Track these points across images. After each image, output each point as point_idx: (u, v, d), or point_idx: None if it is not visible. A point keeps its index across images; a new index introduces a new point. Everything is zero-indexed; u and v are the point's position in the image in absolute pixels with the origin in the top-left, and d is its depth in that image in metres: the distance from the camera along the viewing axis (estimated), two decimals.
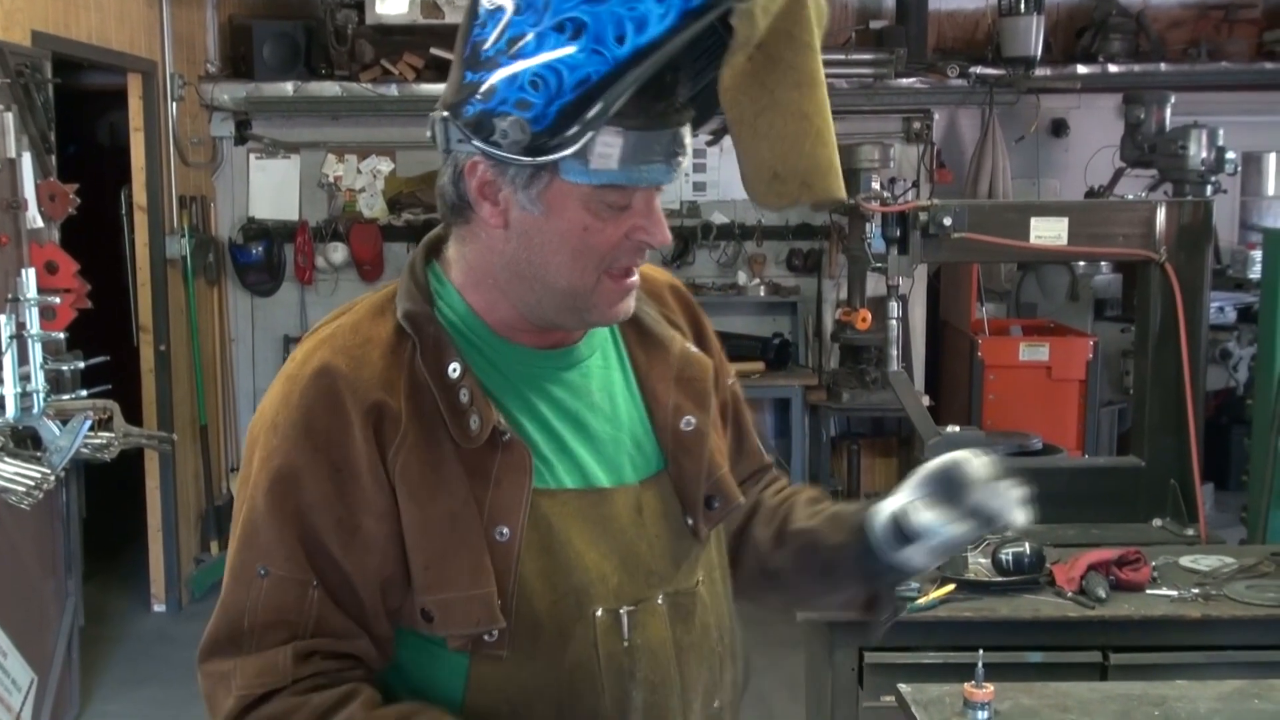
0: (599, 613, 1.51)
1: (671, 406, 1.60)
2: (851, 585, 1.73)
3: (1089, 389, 7.20)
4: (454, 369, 1.48)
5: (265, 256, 7.79)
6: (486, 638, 1.46)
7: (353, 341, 1.50)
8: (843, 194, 1.43)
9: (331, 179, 7.89)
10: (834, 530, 1.71)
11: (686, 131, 1.48)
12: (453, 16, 7.57)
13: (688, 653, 1.59)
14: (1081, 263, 7.49)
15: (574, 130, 1.37)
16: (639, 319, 1.63)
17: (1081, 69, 7.82)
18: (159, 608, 6.80)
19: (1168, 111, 6.30)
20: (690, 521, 1.60)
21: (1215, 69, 8.19)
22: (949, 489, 1.57)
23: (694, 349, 1.67)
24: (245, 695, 1.43)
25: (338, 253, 7.82)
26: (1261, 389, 4.82)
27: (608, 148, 1.40)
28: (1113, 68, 7.88)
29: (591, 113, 1.36)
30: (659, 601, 1.55)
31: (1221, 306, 8.03)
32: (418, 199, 7.85)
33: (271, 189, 7.83)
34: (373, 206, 7.92)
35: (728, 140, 6.35)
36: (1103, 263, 7.64)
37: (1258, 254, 6.96)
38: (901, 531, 1.59)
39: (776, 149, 1.39)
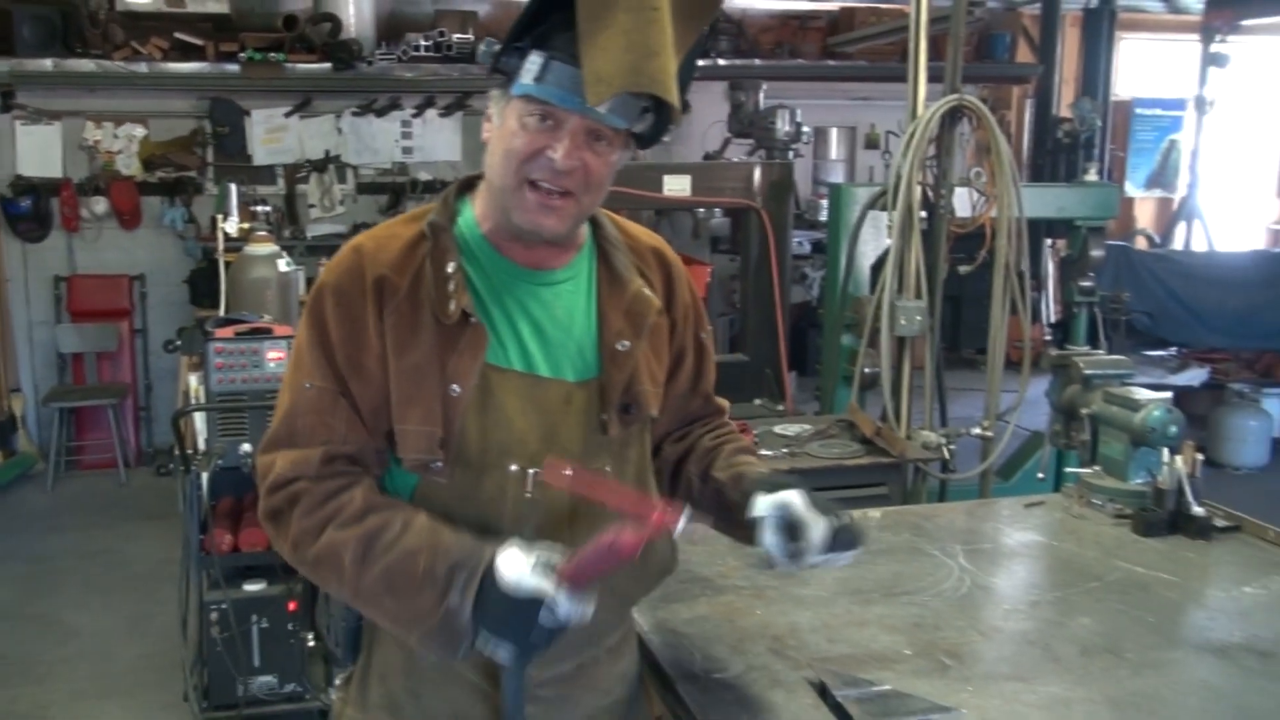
0: (513, 467, 1.55)
1: (615, 330, 1.61)
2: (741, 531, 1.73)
3: (709, 304, 7.42)
4: (451, 266, 1.54)
5: (34, 209, 7.21)
6: (433, 465, 1.54)
7: (384, 234, 1.60)
8: (649, 86, 1.42)
9: (91, 142, 7.36)
10: (734, 489, 1.71)
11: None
12: (194, 5, 7.15)
13: (582, 519, 1.58)
14: (701, 209, 7.71)
15: (512, 49, 1.47)
16: (612, 264, 1.65)
17: (699, 61, 7.93)
18: None
19: (761, 96, 6.53)
20: (604, 419, 1.59)
21: (794, 64, 8.53)
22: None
23: (648, 293, 1.65)
24: (280, 476, 1.52)
25: (100, 205, 7.36)
26: (829, 301, 5.09)
27: (532, 65, 1.46)
28: (721, 61, 8.08)
29: (522, 37, 1.46)
30: (566, 473, 1.57)
31: (801, 241, 8.42)
32: (169, 159, 7.46)
33: (37, 150, 7.22)
34: (130, 166, 7.44)
35: (430, 113, 6.20)
36: (716, 209, 7.88)
37: (825, 202, 7.35)
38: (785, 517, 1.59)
39: (605, 58, 1.40)
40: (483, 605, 1.42)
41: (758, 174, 5.23)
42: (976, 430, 4.10)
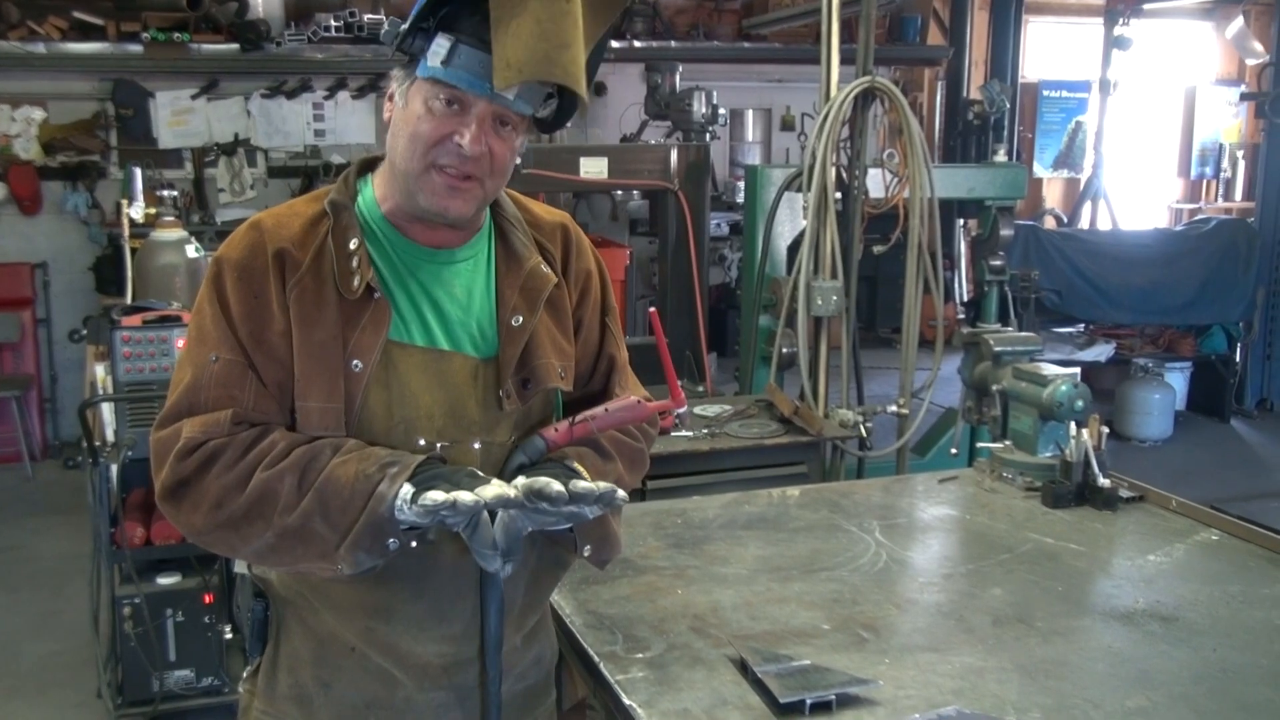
0: (421, 441, 1.54)
1: (510, 307, 1.60)
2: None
3: (628, 287, 7.46)
4: (354, 243, 1.53)
5: None
6: None
7: (284, 212, 1.59)
8: (561, 77, 1.41)
9: None
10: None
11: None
12: None
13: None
14: (619, 191, 7.70)
15: (418, 30, 1.46)
16: (509, 241, 1.64)
17: (614, 44, 7.92)
18: None
19: (677, 78, 6.52)
20: (502, 394, 1.59)
21: (710, 46, 8.55)
22: None
23: (544, 269, 1.64)
24: (191, 438, 1.47)
25: None
26: (746, 282, 5.13)
27: (439, 48, 1.45)
28: (637, 43, 8.06)
29: (428, 18, 1.45)
30: (474, 446, 1.57)
31: (719, 223, 8.48)
32: (70, 143, 7.22)
33: None
34: (28, 149, 7.18)
35: (342, 94, 6.10)
36: (634, 191, 7.88)
37: (741, 184, 7.39)
38: None
39: (516, 45, 1.39)
40: (425, 471, 1.43)
41: (675, 156, 5.24)
42: (892, 408, 4.17)
